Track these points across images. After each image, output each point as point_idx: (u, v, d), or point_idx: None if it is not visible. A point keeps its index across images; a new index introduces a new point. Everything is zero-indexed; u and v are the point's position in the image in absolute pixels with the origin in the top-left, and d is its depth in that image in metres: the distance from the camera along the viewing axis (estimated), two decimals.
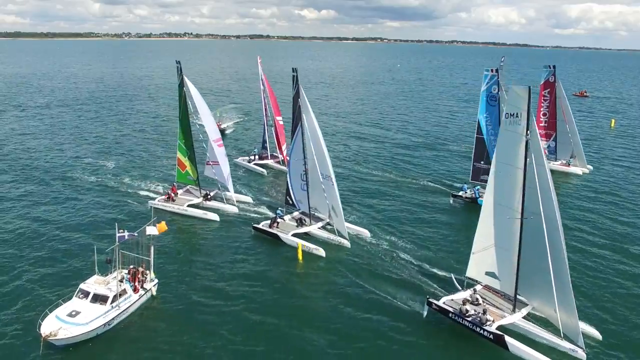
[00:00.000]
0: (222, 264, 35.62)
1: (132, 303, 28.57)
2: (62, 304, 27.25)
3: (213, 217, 43.26)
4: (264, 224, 40.34)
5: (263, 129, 61.29)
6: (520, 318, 27.64)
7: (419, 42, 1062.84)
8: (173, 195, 46.14)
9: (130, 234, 29.07)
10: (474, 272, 29.87)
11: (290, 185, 42.88)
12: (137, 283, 29.71)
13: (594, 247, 39.38)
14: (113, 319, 27.12)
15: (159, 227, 30.90)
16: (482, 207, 29.01)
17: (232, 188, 46.49)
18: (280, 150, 58.99)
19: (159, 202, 45.42)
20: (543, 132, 59.57)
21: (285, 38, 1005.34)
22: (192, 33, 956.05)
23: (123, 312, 27.83)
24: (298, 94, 39.43)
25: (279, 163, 58.99)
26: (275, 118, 58.31)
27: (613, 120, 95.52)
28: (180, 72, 45.68)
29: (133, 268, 30.21)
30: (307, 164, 40.55)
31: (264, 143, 61.15)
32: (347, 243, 38.15)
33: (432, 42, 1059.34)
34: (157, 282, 31.12)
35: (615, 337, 27.56)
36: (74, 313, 26.41)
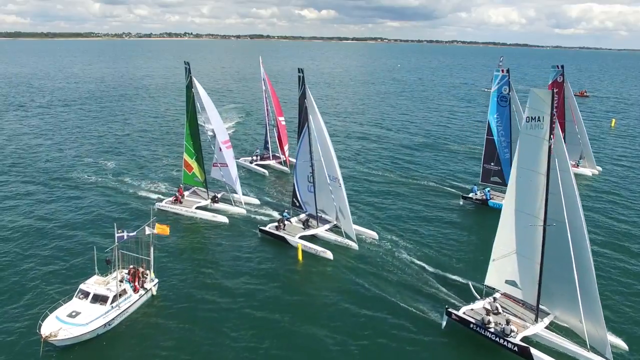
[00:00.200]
0: (224, 265, 35.33)
1: (132, 303, 28.48)
2: (62, 305, 27.13)
3: (222, 219, 42.57)
4: (270, 227, 39.70)
5: (265, 130, 60.85)
6: (543, 328, 26.70)
7: (419, 42, 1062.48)
8: (180, 198, 45.51)
9: (130, 234, 28.90)
10: (494, 280, 28.78)
11: (297, 187, 42.09)
12: (137, 283, 29.61)
13: (608, 249, 38.35)
14: (113, 319, 27.01)
15: (159, 228, 30.61)
16: (501, 213, 27.99)
17: (240, 190, 45.76)
18: (282, 151, 58.44)
19: (166, 204, 44.82)
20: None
21: (286, 38, 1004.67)
22: (192, 33, 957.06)
23: (123, 312, 27.72)
24: (304, 95, 38.75)
25: (281, 164, 58.52)
26: (278, 118, 57.89)
27: (613, 120, 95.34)
28: (189, 73, 44.81)
29: (133, 268, 30.11)
30: (314, 166, 39.86)
31: (266, 143, 60.57)
32: (355, 245, 37.52)
33: (432, 42, 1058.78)
34: (157, 281, 31.01)
35: None
36: (74, 313, 26.31)
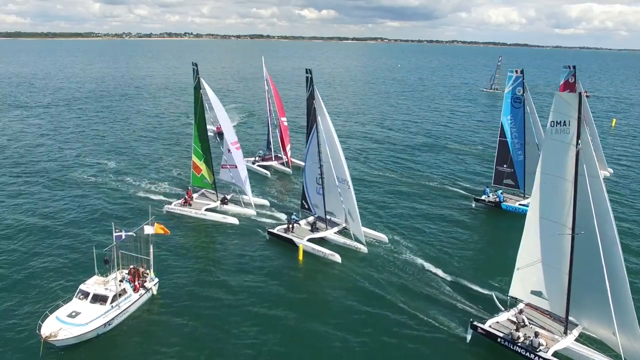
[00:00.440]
0: (227, 265, 35.10)
1: (132, 303, 28.45)
2: (62, 305, 27.11)
3: (232, 220, 42.04)
4: (279, 229, 39.19)
5: (267, 130, 60.37)
6: (573, 341, 25.62)
7: (419, 42, 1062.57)
8: (189, 200, 45.08)
9: (128, 234, 28.79)
10: (519, 291, 27.70)
11: (306, 190, 41.63)
12: (137, 283, 29.60)
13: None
14: (113, 319, 26.98)
15: (158, 227, 30.51)
16: (525, 220, 26.93)
17: (250, 191, 44.99)
18: (285, 152, 57.92)
19: (175, 206, 44.34)
20: None
21: (286, 38, 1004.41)
22: (192, 33, 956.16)
23: (123, 312, 27.67)
24: (313, 96, 38.25)
25: (283, 165, 58.10)
26: (280, 119, 57.29)
27: (614, 120, 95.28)
28: (197, 74, 43.58)
29: (133, 268, 30.07)
30: (322, 168, 39.38)
31: (268, 144, 60.05)
32: (364, 249, 36.81)
33: (432, 42, 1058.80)
34: (157, 281, 30.96)
35: None
36: (74, 314, 26.31)
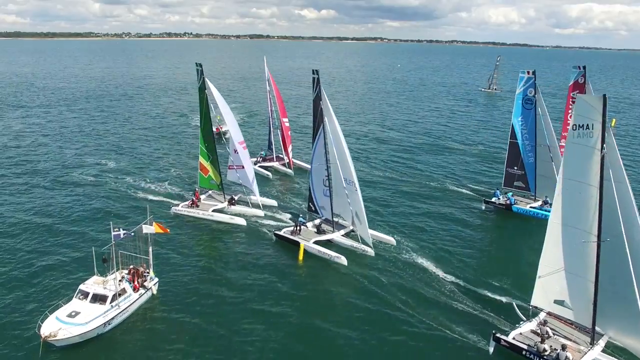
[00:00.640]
0: (229, 265, 35.26)
1: (132, 302, 28.41)
2: (62, 306, 27.09)
3: (240, 221, 41.86)
4: (285, 231, 38.96)
5: (268, 131, 60.13)
6: (600, 352, 24.89)
7: (419, 42, 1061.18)
8: (197, 201, 44.93)
9: (126, 233, 28.89)
10: (541, 300, 26.96)
11: (313, 192, 41.26)
12: (136, 282, 29.57)
13: None
14: (113, 319, 26.97)
15: (157, 227, 30.50)
16: (547, 227, 26.17)
17: (257, 191, 44.81)
18: (286, 153, 57.78)
19: (183, 208, 44.11)
20: None
21: (285, 38, 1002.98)
22: (192, 33, 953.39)
23: (123, 311, 27.63)
24: (319, 97, 38.06)
25: (285, 166, 58.05)
26: (282, 119, 56.98)
27: (614, 120, 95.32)
28: (202, 74, 43.88)
29: (133, 268, 30.06)
30: (329, 169, 39.11)
31: (270, 145, 59.99)
32: (371, 251, 36.26)
33: (432, 42, 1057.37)
34: (157, 280, 30.94)
35: None
36: (74, 313, 26.31)
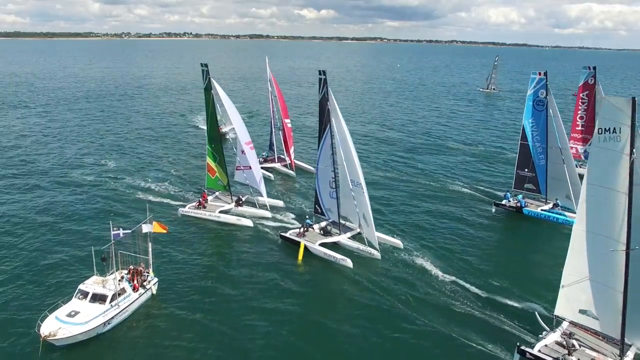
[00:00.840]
0: (231, 265, 35.25)
1: (131, 302, 28.47)
2: (61, 305, 27.15)
3: (247, 222, 41.74)
4: (291, 233, 38.63)
5: (270, 132, 59.87)
6: None
7: (419, 42, 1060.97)
8: (204, 202, 44.77)
9: (125, 232, 28.94)
10: (565, 309, 26.03)
11: (319, 193, 40.79)
12: (136, 282, 29.63)
13: None
14: (112, 318, 27.03)
15: (157, 226, 30.53)
16: (571, 235, 25.39)
17: (265, 192, 44.58)
18: (288, 154, 57.55)
19: (190, 209, 43.97)
20: (580, 136, 58.01)
21: (285, 38, 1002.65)
22: (191, 33, 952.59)
23: (123, 311, 27.70)
24: (326, 97, 37.58)
25: (286, 167, 57.86)
26: (284, 120, 56.76)
27: None
28: (207, 74, 43.75)
29: (133, 268, 30.08)
30: (337, 170, 38.71)
31: (272, 146, 59.75)
32: (377, 254, 35.84)
33: (431, 42, 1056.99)
34: (157, 280, 30.99)
35: None
36: (73, 313, 26.39)
